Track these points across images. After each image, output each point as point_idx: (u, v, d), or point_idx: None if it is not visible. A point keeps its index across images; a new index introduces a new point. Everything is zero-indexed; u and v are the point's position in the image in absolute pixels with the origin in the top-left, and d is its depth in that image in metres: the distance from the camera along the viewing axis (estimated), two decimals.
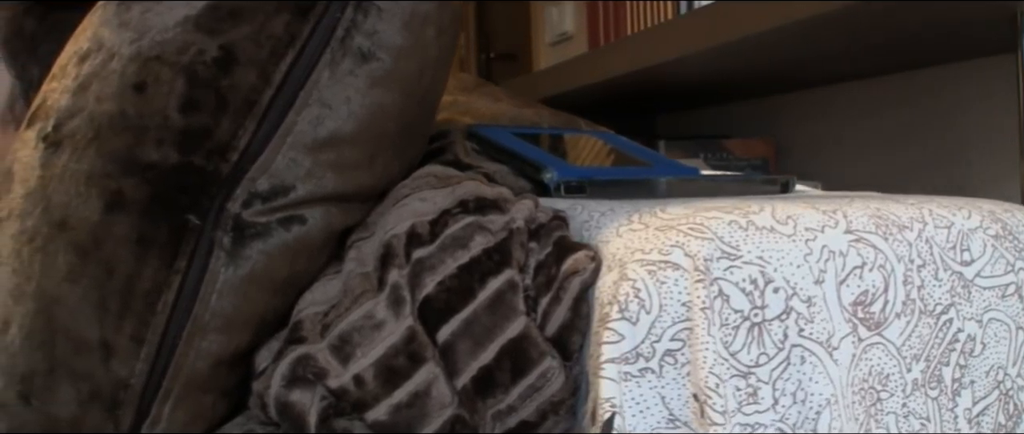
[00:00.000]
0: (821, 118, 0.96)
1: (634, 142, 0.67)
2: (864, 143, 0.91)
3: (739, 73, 0.84)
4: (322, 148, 0.43)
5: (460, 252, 0.43)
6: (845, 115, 0.94)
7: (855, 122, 0.93)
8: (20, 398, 0.39)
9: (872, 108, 0.92)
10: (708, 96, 1.02)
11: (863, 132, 0.92)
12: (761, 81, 0.89)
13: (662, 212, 0.43)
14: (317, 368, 0.42)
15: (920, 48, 0.76)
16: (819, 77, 0.89)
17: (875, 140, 0.91)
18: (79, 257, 0.40)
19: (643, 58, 0.80)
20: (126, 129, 0.41)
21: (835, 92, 0.95)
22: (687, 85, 0.91)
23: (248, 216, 0.42)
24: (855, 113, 0.93)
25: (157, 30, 0.43)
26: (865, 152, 0.90)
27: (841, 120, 0.94)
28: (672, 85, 0.91)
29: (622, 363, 0.39)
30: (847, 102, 0.94)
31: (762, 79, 0.88)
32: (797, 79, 0.89)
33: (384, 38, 0.44)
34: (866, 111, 0.92)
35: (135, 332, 0.40)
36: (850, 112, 0.94)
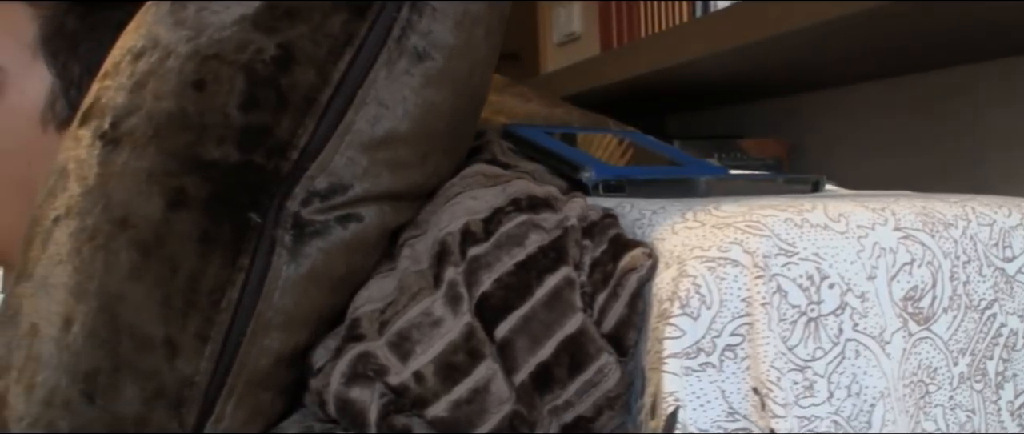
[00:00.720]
0: (833, 118, 0.98)
1: (661, 141, 0.68)
2: (877, 144, 0.93)
3: (756, 73, 0.86)
4: (378, 147, 0.44)
5: (516, 250, 0.44)
6: (858, 116, 0.96)
7: (868, 123, 0.95)
8: (83, 396, 0.40)
9: (886, 109, 0.94)
10: (719, 96, 1.03)
11: (876, 133, 0.94)
12: (775, 81, 0.91)
13: (716, 210, 0.44)
14: (377, 365, 0.42)
15: (937, 50, 0.78)
16: (833, 78, 0.91)
17: (888, 141, 0.92)
18: (142, 255, 0.41)
19: (664, 58, 0.81)
20: (186, 127, 0.42)
21: (847, 93, 0.97)
22: (701, 85, 0.93)
23: (307, 214, 0.43)
24: (868, 114, 0.95)
25: (214, 28, 0.43)
26: (878, 153, 0.92)
27: (854, 121, 0.96)
28: (687, 85, 0.92)
29: (683, 358, 0.40)
30: (860, 103, 0.96)
31: (777, 79, 0.89)
32: (811, 80, 0.91)
33: (437, 38, 0.45)
34: (879, 112, 0.94)
35: (200, 330, 0.40)
36: (863, 113, 0.96)
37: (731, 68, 0.82)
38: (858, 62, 0.83)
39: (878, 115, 0.94)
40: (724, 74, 0.86)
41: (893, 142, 0.92)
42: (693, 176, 0.59)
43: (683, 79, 0.89)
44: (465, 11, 0.46)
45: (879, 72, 0.87)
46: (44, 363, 0.41)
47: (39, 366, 0.41)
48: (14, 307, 0.43)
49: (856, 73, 0.87)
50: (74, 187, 0.43)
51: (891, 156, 0.91)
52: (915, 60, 0.83)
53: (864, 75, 0.89)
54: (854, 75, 0.89)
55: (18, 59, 0.56)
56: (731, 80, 0.88)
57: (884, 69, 0.86)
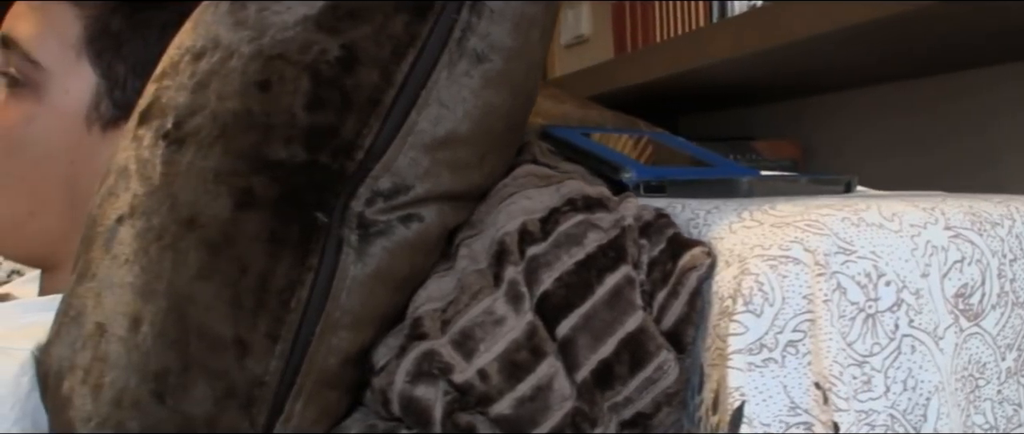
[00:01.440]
0: (844, 120, 1.00)
1: (691, 142, 0.70)
2: (887, 145, 0.95)
3: (772, 76, 0.87)
4: (440, 147, 0.45)
5: (575, 249, 0.45)
6: (869, 117, 0.98)
7: (878, 124, 0.97)
8: (154, 396, 0.40)
9: (897, 111, 0.96)
10: (731, 98, 1.05)
11: (887, 134, 0.96)
12: (789, 84, 0.93)
13: (772, 210, 0.45)
14: (442, 363, 0.43)
15: (950, 52, 0.80)
16: (844, 80, 0.93)
17: (899, 142, 0.95)
18: (211, 255, 0.41)
19: (685, 61, 0.83)
20: (252, 127, 0.43)
21: (858, 95, 0.99)
22: (716, 87, 0.95)
23: (371, 214, 0.44)
24: (879, 116, 0.97)
25: (277, 29, 0.44)
26: (888, 154, 0.95)
27: (864, 122, 0.98)
28: (701, 87, 0.94)
29: (747, 354, 0.41)
30: (870, 105, 0.98)
31: (791, 82, 0.91)
32: (823, 82, 0.93)
33: (496, 40, 0.46)
34: (890, 114, 0.96)
35: (270, 329, 0.41)
36: (873, 115, 0.98)
37: (751, 71, 0.84)
38: (873, 65, 0.85)
39: (889, 117, 0.96)
40: (742, 77, 0.88)
41: (904, 143, 0.94)
42: (728, 176, 0.60)
43: (699, 82, 0.91)
44: (522, 13, 0.47)
45: (890, 75, 0.89)
46: (112, 363, 0.41)
47: (107, 366, 0.41)
48: (77, 307, 0.44)
49: (868, 76, 0.89)
50: (137, 187, 0.43)
51: (901, 157, 0.94)
52: (927, 63, 0.85)
53: (875, 78, 0.91)
54: (865, 78, 0.91)
55: (61, 59, 0.56)
56: (747, 82, 0.90)
57: (896, 72, 0.88)
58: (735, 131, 1.13)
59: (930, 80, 0.91)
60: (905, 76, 0.91)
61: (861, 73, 0.88)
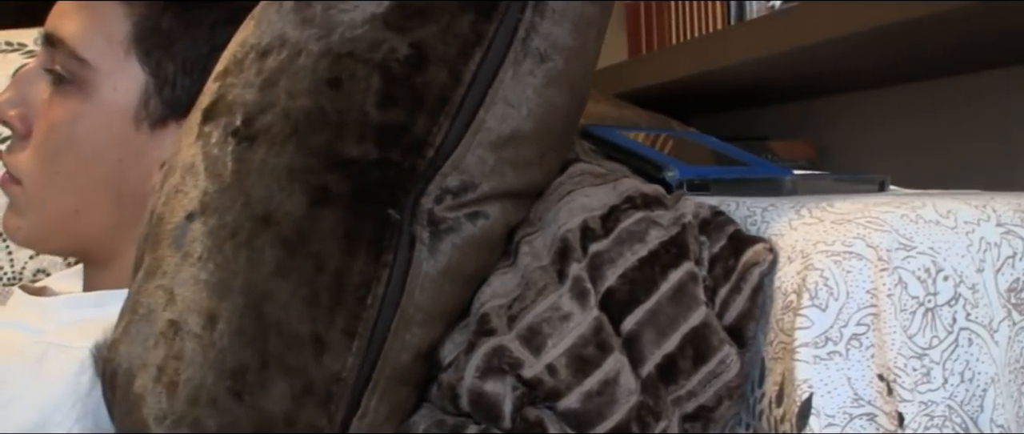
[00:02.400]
0: (859, 120, 1.03)
1: (722, 141, 0.71)
2: (903, 145, 0.97)
3: (794, 76, 0.89)
4: (504, 145, 0.46)
5: (638, 246, 0.47)
6: (882, 118, 1.01)
7: (893, 125, 0.99)
8: (231, 394, 0.41)
9: (912, 111, 0.98)
10: (746, 98, 1.07)
11: (902, 134, 0.98)
12: (807, 84, 0.95)
13: (830, 207, 0.47)
14: (512, 359, 0.44)
15: (967, 53, 0.83)
16: (859, 81, 0.95)
17: (914, 142, 0.97)
18: (287, 252, 0.42)
19: (706, 62, 0.84)
20: (325, 124, 0.43)
21: (872, 95, 1.01)
22: (732, 88, 0.96)
23: (440, 211, 0.45)
24: (893, 116, 1.00)
25: (345, 27, 0.45)
26: (904, 154, 0.97)
27: (878, 122, 1.01)
28: (718, 88, 0.95)
29: (812, 347, 0.43)
30: (884, 105, 1.00)
31: (809, 82, 0.93)
32: (840, 82, 0.95)
33: (558, 40, 0.47)
34: (905, 114, 0.98)
35: (347, 326, 0.42)
36: (887, 115, 1.00)
37: (773, 71, 0.86)
38: (889, 66, 0.87)
39: (903, 117, 0.98)
40: (762, 77, 0.90)
41: (918, 144, 0.97)
42: (766, 175, 0.62)
43: (717, 82, 0.92)
44: (581, 13, 0.48)
45: (905, 76, 0.92)
46: (187, 361, 0.41)
47: (182, 364, 0.41)
48: (146, 305, 0.44)
49: (882, 76, 0.92)
50: (207, 184, 0.44)
51: (915, 157, 0.96)
52: (942, 64, 0.87)
53: (889, 79, 0.93)
54: (880, 78, 0.93)
55: (109, 57, 0.56)
56: (765, 83, 0.92)
57: (910, 73, 0.90)
58: (749, 131, 1.15)
59: (944, 81, 0.93)
60: (919, 77, 0.93)
61: (876, 74, 0.91)
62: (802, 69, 0.88)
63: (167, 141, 0.57)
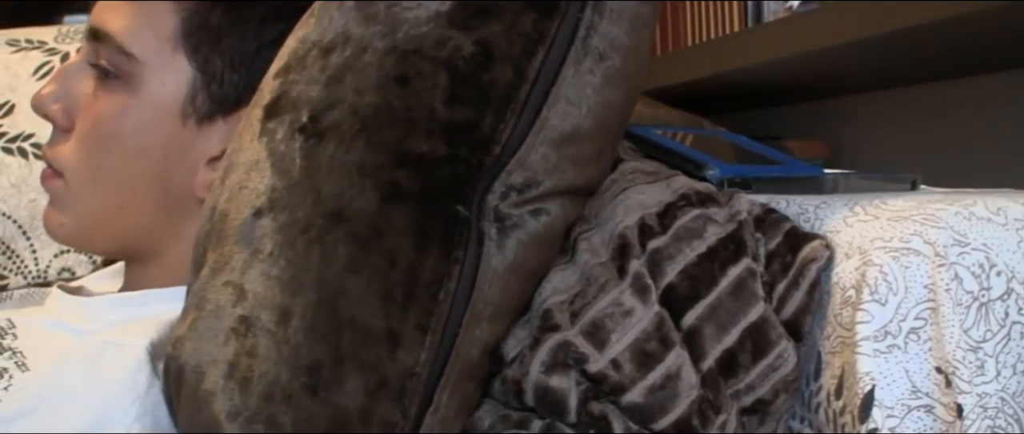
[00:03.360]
0: (872, 120, 1.04)
1: (752, 140, 0.73)
2: (917, 145, 0.99)
3: (813, 77, 0.91)
4: (566, 143, 0.47)
5: (696, 242, 0.48)
6: (897, 118, 1.02)
7: (908, 125, 1.01)
8: (306, 390, 0.41)
9: (927, 111, 1.00)
10: (760, 98, 1.09)
11: (917, 134, 1.00)
12: (824, 84, 0.96)
13: (884, 204, 0.48)
14: (578, 354, 0.45)
15: (984, 53, 0.85)
16: (876, 81, 0.97)
17: (928, 143, 0.99)
18: (360, 248, 0.42)
19: (726, 62, 0.86)
20: (394, 121, 0.44)
21: (885, 96, 1.03)
22: (750, 87, 0.98)
23: (505, 208, 0.45)
24: (907, 116, 1.01)
25: (410, 25, 0.45)
26: (918, 154, 0.99)
27: (892, 122, 1.02)
28: (737, 87, 0.97)
29: (872, 341, 0.44)
30: (898, 105, 1.02)
31: (825, 82, 0.95)
32: (855, 83, 0.97)
33: (616, 39, 0.48)
34: (920, 114, 1.00)
35: (420, 321, 0.42)
36: (902, 115, 1.02)
37: (792, 71, 0.87)
38: (906, 66, 0.88)
39: (918, 118, 1.00)
40: (781, 77, 0.91)
41: (932, 144, 0.98)
42: (802, 174, 0.63)
43: (733, 82, 0.94)
44: (637, 13, 0.49)
45: (920, 76, 0.94)
46: (261, 357, 0.42)
47: (255, 360, 0.42)
48: (214, 302, 0.44)
49: (897, 77, 0.93)
50: (275, 180, 0.44)
51: (929, 157, 0.98)
52: (958, 65, 0.89)
53: (904, 79, 0.95)
54: (894, 79, 0.95)
55: (157, 52, 0.56)
56: (782, 83, 0.93)
57: (926, 74, 0.92)
58: (763, 130, 1.16)
59: (959, 82, 0.95)
60: (934, 78, 0.95)
61: (891, 74, 0.92)
62: (820, 69, 0.89)
63: (214, 137, 0.57)
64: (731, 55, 0.85)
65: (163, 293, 0.57)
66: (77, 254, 0.80)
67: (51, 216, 0.59)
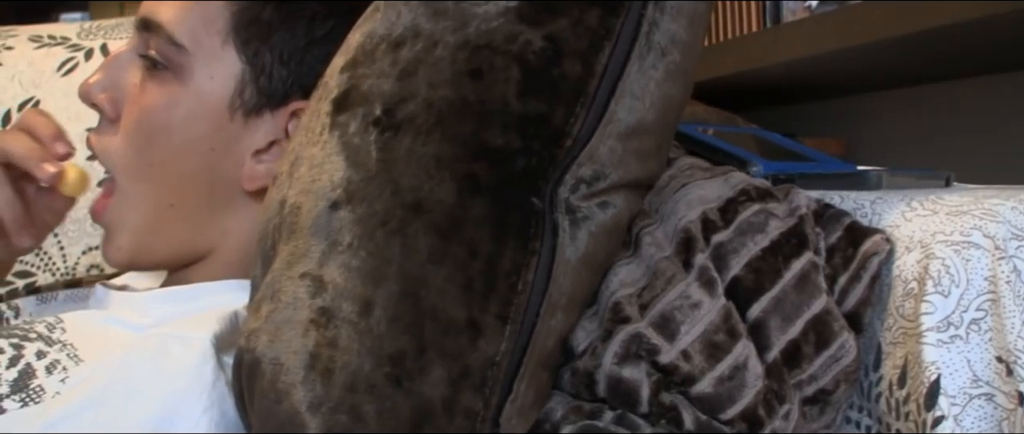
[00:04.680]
0: (887, 118, 1.06)
1: (784, 137, 0.74)
2: (932, 143, 1.01)
3: (831, 75, 0.92)
4: (630, 136, 0.48)
5: (759, 236, 0.49)
6: (911, 116, 1.04)
7: (923, 123, 1.03)
8: (390, 380, 0.42)
9: (942, 110, 1.02)
10: (774, 96, 1.10)
11: (932, 133, 1.02)
12: (840, 82, 0.98)
13: (941, 200, 0.50)
14: (650, 345, 0.46)
15: (1001, 54, 0.87)
16: (892, 79, 0.98)
17: (943, 141, 1.01)
18: (440, 239, 0.43)
19: (750, 61, 0.87)
20: (469, 114, 0.45)
21: (900, 94, 1.05)
22: (768, 85, 0.99)
23: (574, 200, 0.46)
24: (922, 114, 1.04)
25: (480, 20, 0.46)
26: (933, 152, 1.01)
27: (906, 121, 1.05)
28: (755, 85, 0.98)
29: (935, 331, 0.45)
30: (912, 103, 1.04)
31: (843, 80, 0.97)
32: (872, 81, 0.99)
33: (676, 35, 0.49)
34: (935, 112, 1.02)
35: (500, 311, 0.43)
36: (916, 113, 1.04)
37: (814, 70, 0.89)
38: (922, 65, 0.90)
39: (933, 116, 1.02)
40: (796, 76, 0.93)
41: (947, 142, 1.01)
42: (838, 170, 0.65)
43: (753, 81, 0.95)
44: (694, 10, 0.50)
45: (937, 75, 0.96)
46: (343, 348, 0.42)
47: (337, 351, 0.42)
48: (289, 293, 0.45)
49: (912, 76, 0.96)
50: (350, 173, 0.45)
51: (944, 156, 1.00)
52: (975, 64, 0.91)
53: (919, 78, 0.97)
54: (909, 77, 0.97)
55: (207, 44, 0.56)
56: (799, 82, 0.95)
57: (943, 72, 0.94)
58: (778, 129, 1.18)
59: (975, 80, 0.98)
60: (948, 76, 0.97)
61: (907, 73, 0.94)
62: (837, 68, 0.91)
63: (260, 131, 0.57)
64: (752, 54, 0.87)
65: (214, 286, 0.58)
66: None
67: (108, 246, 0.60)
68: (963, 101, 0.99)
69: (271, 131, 0.57)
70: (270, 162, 0.57)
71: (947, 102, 1.00)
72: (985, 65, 0.90)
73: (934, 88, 1.01)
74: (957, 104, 0.99)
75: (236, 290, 0.57)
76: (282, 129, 0.57)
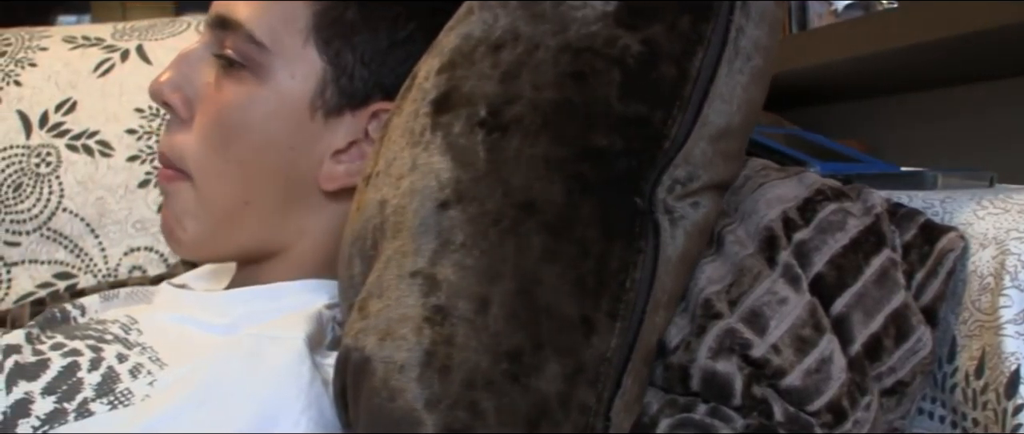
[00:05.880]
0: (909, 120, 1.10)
1: (828, 138, 0.77)
2: (955, 146, 1.05)
3: (856, 76, 0.96)
4: (719, 138, 0.50)
5: (839, 234, 0.51)
6: (933, 118, 1.08)
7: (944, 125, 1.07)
8: (507, 376, 0.43)
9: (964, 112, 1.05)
10: (796, 97, 1.13)
11: (954, 135, 1.06)
12: (865, 84, 1.01)
13: (1011, 199, 0.52)
14: (743, 340, 0.48)
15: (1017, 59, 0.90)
16: (915, 82, 1.02)
17: (965, 143, 1.04)
18: (553, 238, 0.45)
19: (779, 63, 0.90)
20: (574, 116, 0.46)
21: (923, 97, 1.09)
22: (792, 87, 1.02)
23: (671, 200, 0.48)
24: (944, 116, 1.07)
25: (579, 24, 0.48)
26: (954, 154, 1.04)
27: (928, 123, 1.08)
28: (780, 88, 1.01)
29: (1014, 323, 0.48)
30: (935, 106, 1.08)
31: (867, 83, 1.00)
32: (895, 84, 1.02)
33: (759, 40, 0.51)
34: (956, 114, 1.06)
35: (610, 309, 0.45)
36: (938, 115, 1.08)
37: (837, 73, 0.92)
38: (947, 68, 0.94)
39: (954, 118, 1.05)
40: (822, 79, 0.96)
41: (969, 144, 1.04)
42: (886, 171, 0.68)
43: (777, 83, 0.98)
44: (775, 16, 0.52)
45: (957, 78, 0.99)
46: (460, 345, 0.44)
47: (454, 349, 0.44)
48: (398, 291, 0.46)
49: (936, 78, 0.99)
50: (458, 173, 0.46)
51: (966, 158, 1.04)
52: (994, 67, 0.95)
53: (942, 80, 1.01)
54: (932, 80, 1.00)
55: (288, 44, 0.57)
56: (825, 83, 0.98)
57: (964, 75, 0.98)
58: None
59: (994, 83, 1.01)
60: (972, 79, 1.01)
61: (928, 76, 0.98)
62: (862, 71, 0.94)
63: (340, 131, 0.58)
64: (786, 55, 0.89)
65: (292, 286, 0.59)
66: (148, 252, 0.80)
67: (173, 223, 0.60)
68: (986, 103, 1.03)
69: (351, 132, 0.58)
70: (349, 163, 0.58)
71: (968, 104, 1.04)
72: (1010, 68, 0.94)
73: (955, 91, 1.05)
74: (982, 106, 1.02)
75: (314, 290, 0.59)
76: (362, 130, 0.58)
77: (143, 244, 0.80)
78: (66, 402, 0.52)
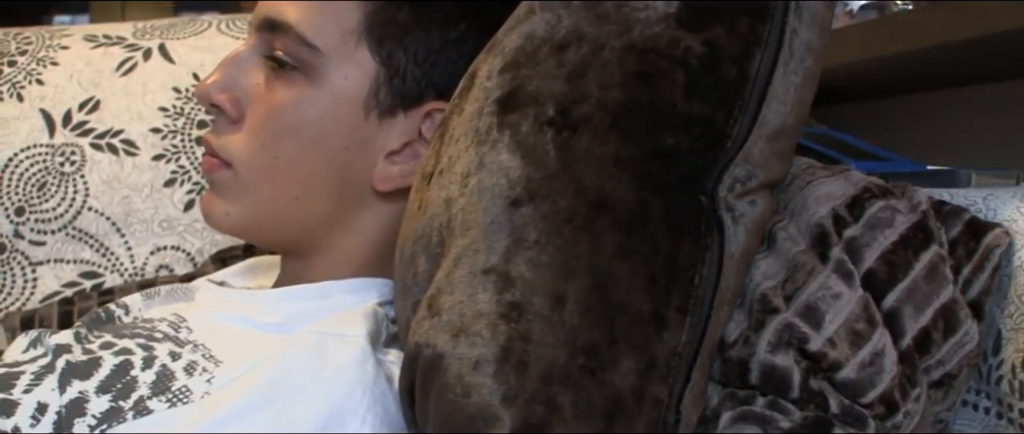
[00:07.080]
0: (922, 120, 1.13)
1: (854, 137, 0.79)
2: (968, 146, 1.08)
3: (870, 77, 0.98)
4: (775, 138, 0.52)
5: (888, 231, 0.53)
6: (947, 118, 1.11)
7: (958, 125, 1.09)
8: (584, 371, 0.45)
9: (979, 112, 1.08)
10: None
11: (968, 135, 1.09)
12: (879, 84, 1.04)
13: None
14: (800, 334, 0.50)
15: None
16: (929, 82, 1.05)
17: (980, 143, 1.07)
18: (625, 235, 0.46)
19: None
20: (642, 115, 0.48)
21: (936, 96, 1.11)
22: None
23: (731, 199, 0.50)
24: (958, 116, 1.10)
25: (643, 25, 0.49)
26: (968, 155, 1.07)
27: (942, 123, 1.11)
28: None
29: None
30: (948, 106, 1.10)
31: (882, 82, 1.02)
32: (908, 84, 1.05)
33: (810, 42, 0.53)
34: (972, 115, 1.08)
35: (680, 304, 0.46)
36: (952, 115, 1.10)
37: (852, 73, 0.94)
38: (962, 68, 0.97)
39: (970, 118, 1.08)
40: (837, 79, 0.98)
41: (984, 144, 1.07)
42: (915, 170, 0.70)
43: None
44: (825, 18, 0.54)
45: (971, 78, 1.02)
46: (536, 341, 0.45)
47: (531, 344, 0.45)
48: (470, 287, 0.47)
49: (950, 78, 1.02)
50: (529, 171, 0.48)
51: (980, 159, 1.07)
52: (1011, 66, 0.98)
53: (957, 80, 1.03)
54: (947, 80, 1.03)
55: (340, 45, 0.58)
56: (841, 83, 1.01)
57: (977, 75, 1.00)
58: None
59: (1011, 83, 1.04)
60: (985, 79, 1.03)
61: (942, 77, 1.00)
62: (875, 71, 0.96)
63: (394, 131, 0.59)
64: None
65: (342, 285, 0.60)
66: (174, 251, 0.81)
67: (214, 204, 0.60)
68: (1000, 103, 1.05)
69: (405, 132, 0.59)
70: (403, 164, 0.60)
71: (981, 104, 1.07)
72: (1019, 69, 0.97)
73: (968, 91, 1.08)
74: (995, 105, 1.05)
75: (364, 289, 0.60)
76: (416, 130, 0.60)
77: (170, 243, 0.81)
78: (122, 400, 0.53)
